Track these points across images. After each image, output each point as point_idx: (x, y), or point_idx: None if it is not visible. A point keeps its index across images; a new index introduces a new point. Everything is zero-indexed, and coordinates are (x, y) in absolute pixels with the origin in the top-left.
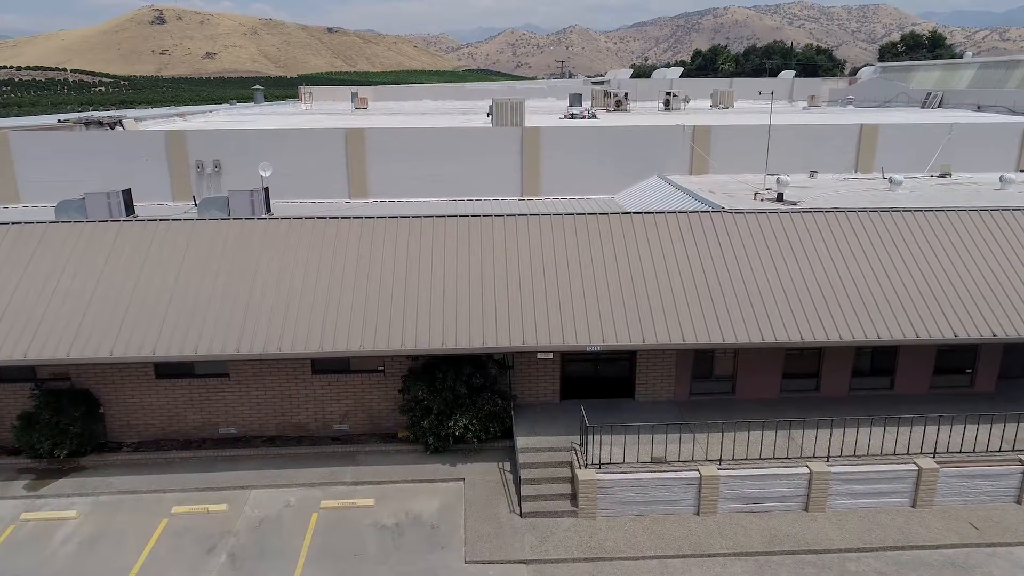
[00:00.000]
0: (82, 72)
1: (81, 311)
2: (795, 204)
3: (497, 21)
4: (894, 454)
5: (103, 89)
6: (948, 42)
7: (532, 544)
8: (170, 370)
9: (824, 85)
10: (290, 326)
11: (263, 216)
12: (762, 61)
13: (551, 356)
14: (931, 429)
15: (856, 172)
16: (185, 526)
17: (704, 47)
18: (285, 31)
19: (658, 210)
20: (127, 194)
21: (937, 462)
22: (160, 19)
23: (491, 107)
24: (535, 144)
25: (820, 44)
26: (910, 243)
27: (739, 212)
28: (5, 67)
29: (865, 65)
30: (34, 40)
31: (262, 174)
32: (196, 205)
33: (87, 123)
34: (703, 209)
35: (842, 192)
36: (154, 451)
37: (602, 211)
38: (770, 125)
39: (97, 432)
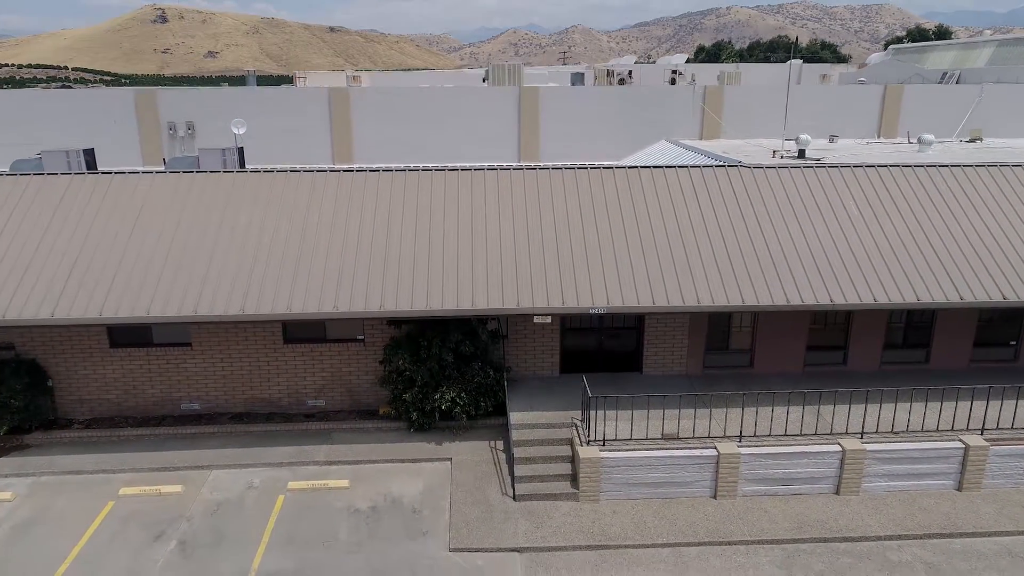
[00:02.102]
0: (84, 71)
1: (22, 269)
2: (819, 160)
3: (499, 21)
4: (936, 430)
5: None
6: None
7: (526, 530)
8: (125, 338)
9: (834, 69)
10: (256, 286)
11: (231, 169)
12: (766, 56)
13: (548, 320)
14: (978, 404)
15: (879, 137)
16: (133, 509)
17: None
18: (287, 30)
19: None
20: (89, 153)
21: (986, 439)
22: (162, 18)
23: (487, 72)
24: (534, 106)
25: (825, 40)
26: (948, 200)
27: (758, 167)
28: (6, 65)
29: (875, 53)
30: (36, 39)
31: (235, 131)
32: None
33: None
34: (718, 163)
35: (866, 155)
36: (107, 428)
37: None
38: (789, 82)
39: (44, 407)
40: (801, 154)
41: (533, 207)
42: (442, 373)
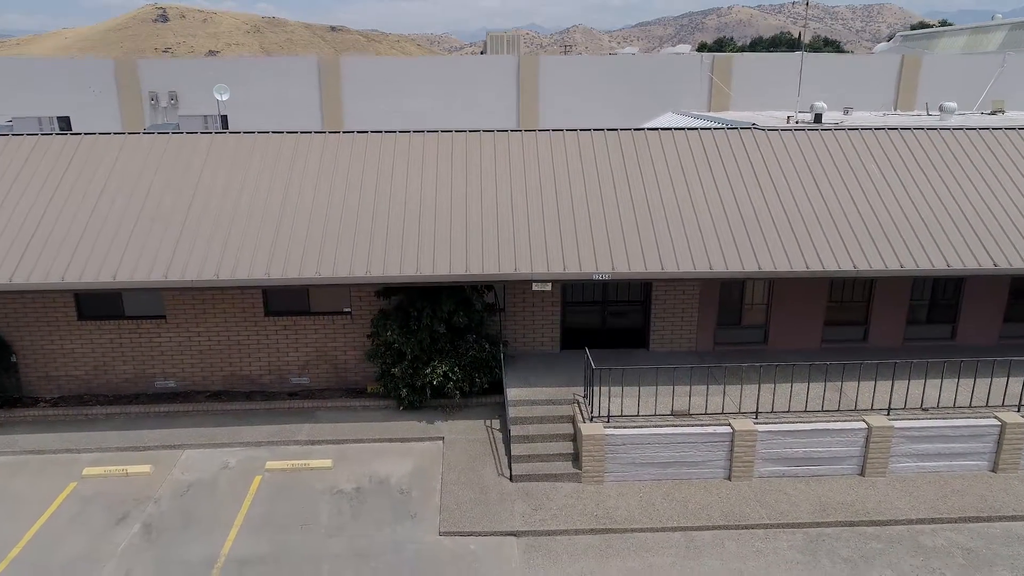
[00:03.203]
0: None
1: None
2: (837, 124)
3: (500, 22)
4: (969, 407)
5: None
6: None
7: (524, 512)
8: (94, 310)
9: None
10: (232, 251)
11: (208, 130)
12: (768, 51)
13: (548, 288)
14: (1014, 381)
15: (896, 110)
16: (97, 491)
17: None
18: (288, 29)
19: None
20: (64, 121)
21: None
22: (163, 17)
23: (485, 42)
24: (533, 76)
25: (827, 38)
26: (977, 163)
27: (773, 129)
28: None
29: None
30: (38, 39)
31: (218, 97)
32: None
33: None
34: (730, 126)
35: (884, 126)
36: (76, 407)
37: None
38: (803, 51)
39: (8, 384)
40: (817, 119)
41: (533, 171)
42: (434, 346)
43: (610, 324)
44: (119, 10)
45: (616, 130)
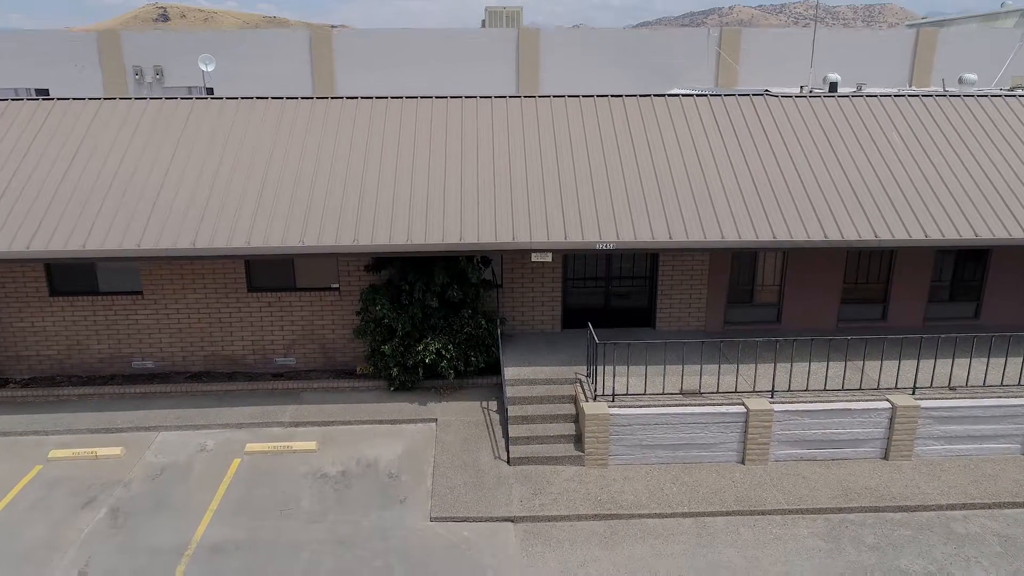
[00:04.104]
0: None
1: None
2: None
3: None
4: (1000, 386)
5: None
6: None
7: (522, 497)
8: (67, 285)
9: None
10: (211, 218)
11: (189, 96)
12: None
13: (549, 258)
14: None
15: (911, 86)
16: (63, 474)
17: None
18: (288, 28)
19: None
20: (43, 94)
21: None
22: (164, 16)
23: (484, 15)
24: (534, 50)
25: None
26: (1003, 130)
27: (787, 96)
28: None
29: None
30: None
31: (203, 68)
32: None
33: None
34: (742, 92)
35: None
36: (47, 388)
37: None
38: (816, 22)
39: None
40: (832, 88)
41: (532, 138)
42: (426, 322)
43: (614, 302)
44: (120, 9)
45: (621, 96)
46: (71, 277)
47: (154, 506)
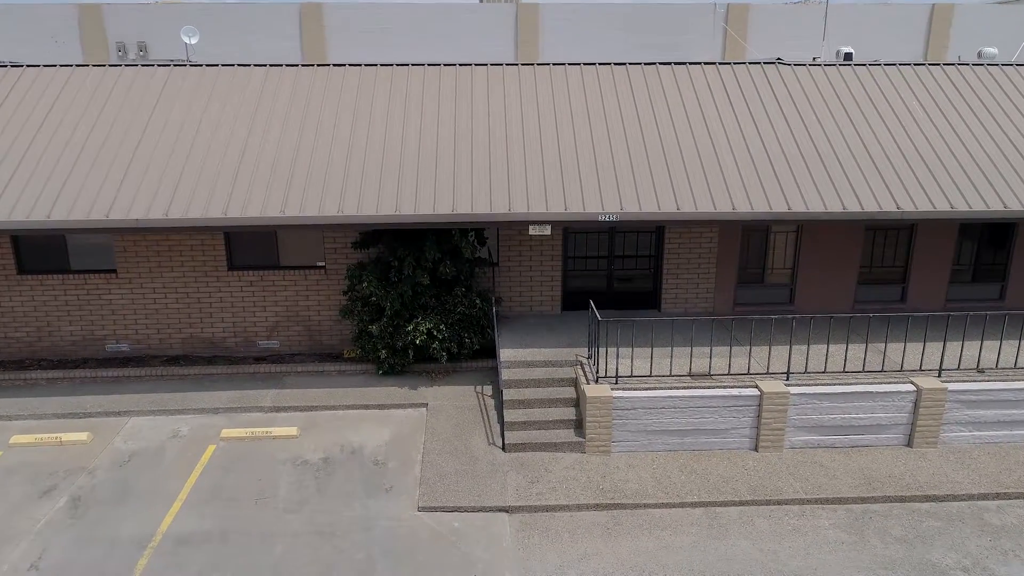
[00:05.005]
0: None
1: None
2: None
3: None
4: None
5: None
6: None
7: (518, 485)
8: (36, 263)
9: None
10: (187, 188)
11: (166, 63)
12: None
13: (548, 231)
14: None
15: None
16: (23, 460)
17: None
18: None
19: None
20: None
21: None
22: None
23: None
24: (533, 27)
25: None
26: None
27: (800, 64)
28: None
29: None
30: None
31: (187, 41)
32: None
33: None
34: (753, 61)
35: None
36: (15, 372)
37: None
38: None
39: None
40: (848, 58)
41: (530, 107)
42: (416, 301)
43: (617, 279)
44: None
45: (624, 64)
46: (41, 254)
47: (119, 495)
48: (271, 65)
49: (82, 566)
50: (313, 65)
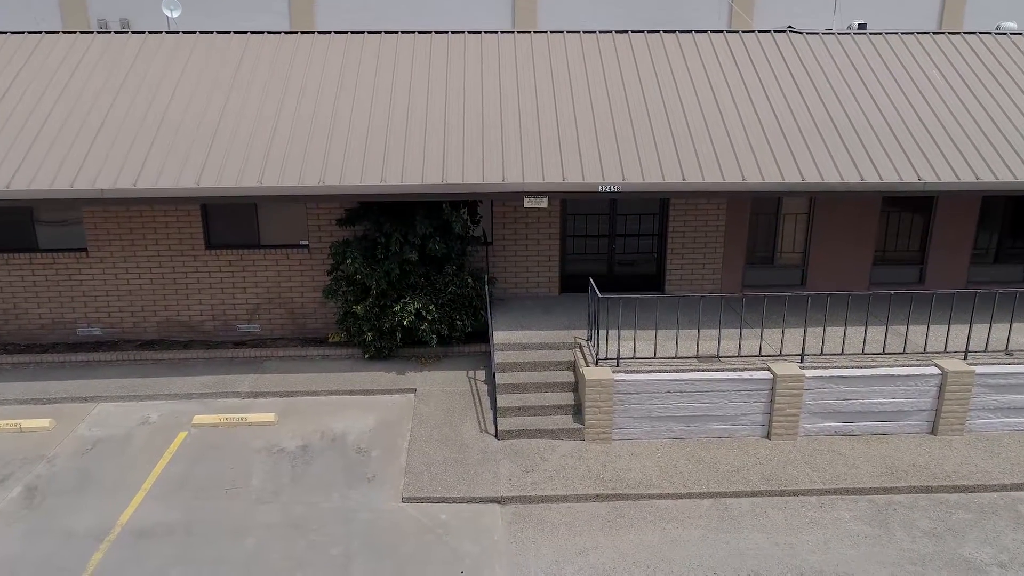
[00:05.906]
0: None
1: None
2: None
3: None
4: None
5: None
6: None
7: (512, 475)
8: (1, 241)
9: None
10: (157, 157)
11: (142, 31)
12: None
13: (544, 203)
14: None
15: None
16: None
17: None
18: None
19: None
20: None
21: None
22: None
23: None
24: (531, 1)
25: None
26: None
27: (812, 33)
28: None
29: None
30: None
31: (168, 14)
32: None
33: None
34: (762, 30)
35: None
36: None
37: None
38: None
39: None
40: (862, 28)
41: (527, 74)
42: (404, 280)
43: (619, 259)
44: None
45: (626, 32)
46: (6, 232)
47: (79, 485)
48: (252, 32)
49: (31, 561)
50: (296, 32)
